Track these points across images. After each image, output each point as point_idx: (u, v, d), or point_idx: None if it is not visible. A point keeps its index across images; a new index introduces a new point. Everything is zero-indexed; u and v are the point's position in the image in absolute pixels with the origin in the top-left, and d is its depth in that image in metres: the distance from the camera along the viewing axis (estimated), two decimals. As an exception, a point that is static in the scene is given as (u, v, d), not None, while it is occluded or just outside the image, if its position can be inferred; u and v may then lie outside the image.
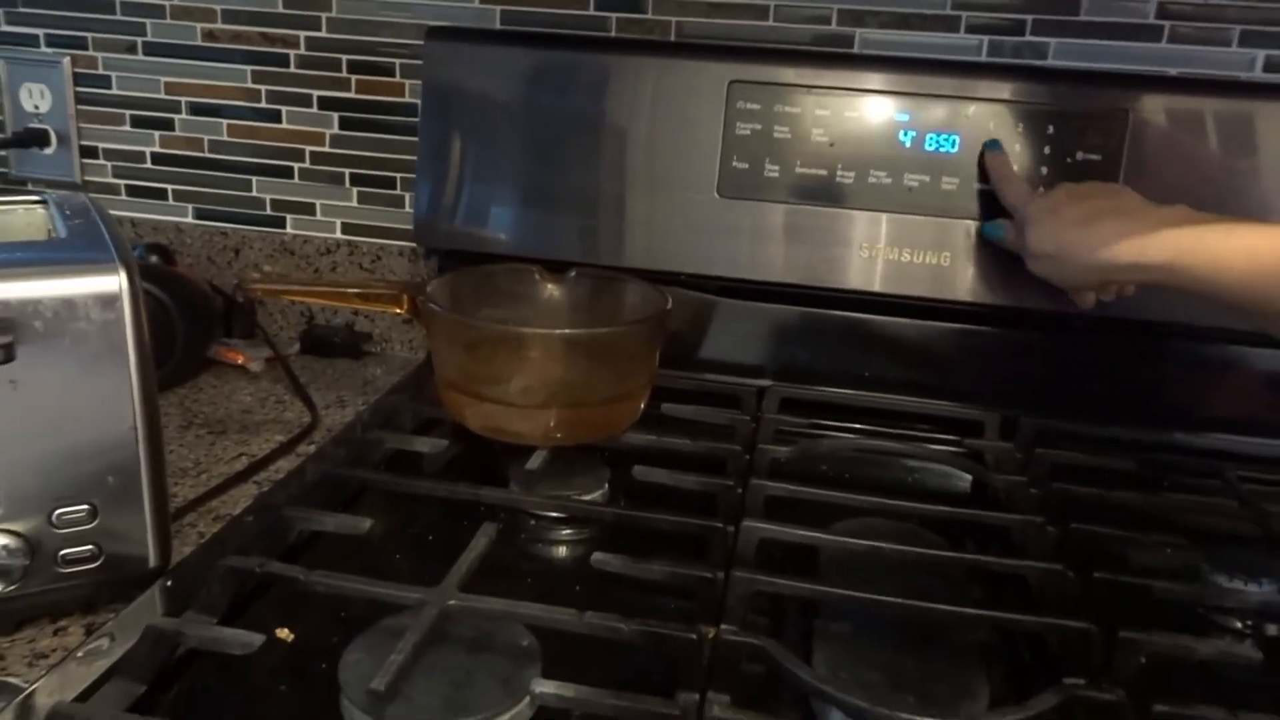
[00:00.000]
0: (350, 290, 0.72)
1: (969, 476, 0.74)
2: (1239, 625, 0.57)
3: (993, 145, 0.76)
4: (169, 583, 0.53)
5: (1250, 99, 0.76)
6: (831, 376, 0.83)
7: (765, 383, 0.82)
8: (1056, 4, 0.82)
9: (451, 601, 0.49)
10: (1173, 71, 0.81)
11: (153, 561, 0.53)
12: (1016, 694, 0.51)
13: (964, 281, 0.79)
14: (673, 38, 0.87)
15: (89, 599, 0.53)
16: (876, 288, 0.80)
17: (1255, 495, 0.69)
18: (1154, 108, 0.76)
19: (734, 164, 0.80)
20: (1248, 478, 0.71)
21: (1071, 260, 0.66)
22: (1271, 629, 0.57)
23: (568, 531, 0.64)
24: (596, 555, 0.54)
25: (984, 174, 0.77)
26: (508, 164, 0.84)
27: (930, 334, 0.82)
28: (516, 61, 0.84)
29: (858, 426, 0.79)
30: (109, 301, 0.50)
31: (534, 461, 0.64)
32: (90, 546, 0.51)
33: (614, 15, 0.88)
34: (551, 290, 0.73)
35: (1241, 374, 0.80)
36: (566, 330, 0.64)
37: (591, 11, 0.88)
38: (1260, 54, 0.81)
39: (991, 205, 0.77)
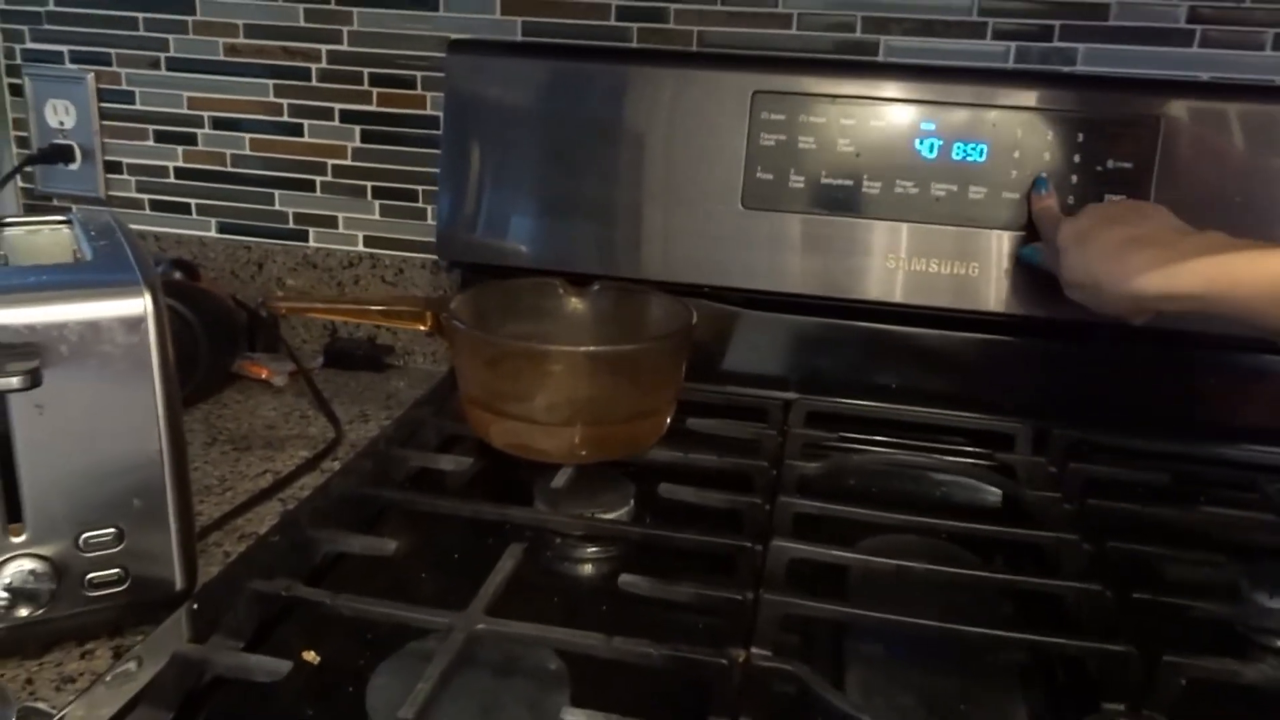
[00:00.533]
0: (374, 307, 0.72)
1: (999, 491, 0.73)
2: (1278, 644, 0.56)
3: (1039, 185, 0.75)
4: (195, 606, 0.53)
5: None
6: (858, 388, 0.82)
7: (791, 395, 0.81)
8: (1085, 9, 0.81)
9: (479, 626, 0.49)
10: (1204, 76, 0.80)
11: (179, 584, 0.53)
12: (1054, 718, 0.50)
13: (992, 292, 0.77)
14: (695, 47, 0.87)
15: (116, 622, 0.53)
16: (902, 299, 0.79)
17: (1294, 509, 0.67)
18: (1186, 114, 0.74)
19: (758, 175, 0.79)
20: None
21: (1105, 290, 0.64)
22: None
23: (594, 550, 0.63)
24: (624, 578, 0.53)
25: (1012, 185, 0.76)
26: (530, 176, 0.84)
27: (958, 345, 0.81)
28: (538, 73, 0.83)
29: (885, 440, 0.78)
30: (134, 324, 0.49)
31: (559, 479, 0.64)
32: (117, 570, 0.51)
33: (635, 25, 0.88)
34: (575, 304, 0.73)
35: (1276, 384, 0.78)
36: (591, 347, 0.64)
37: (613, 22, 0.88)
38: (1294, 57, 0.79)
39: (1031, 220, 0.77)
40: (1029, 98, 0.76)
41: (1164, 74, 0.80)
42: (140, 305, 0.50)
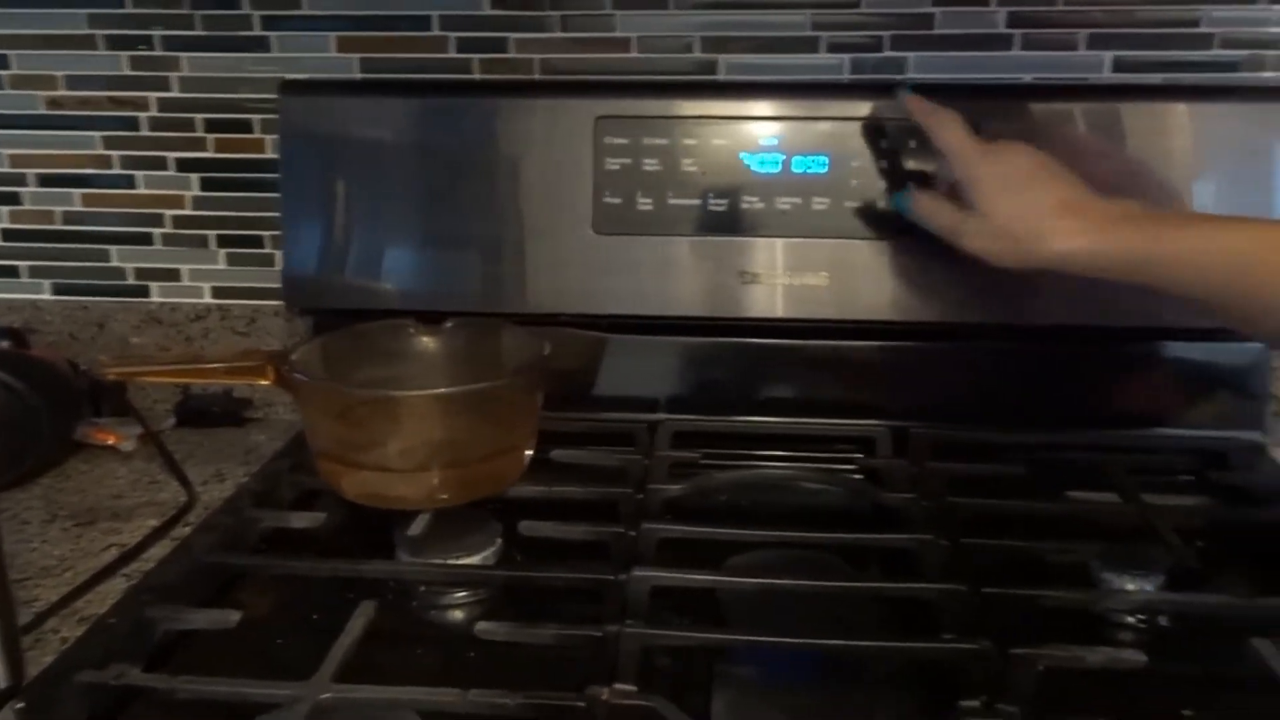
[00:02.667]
0: (211, 365, 0.68)
1: (863, 496, 0.73)
2: (1131, 620, 0.58)
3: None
4: (22, 705, 0.49)
5: (1103, 100, 0.78)
6: (725, 405, 0.82)
7: (657, 417, 0.81)
8: (911, 20, 0.83)
9: (325, 695, 0.47)
10: (1027, 78, 0.83)
11: (3, 683, 0.49)
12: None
13: (844, 300, 0.79)
14: (537, 76, 0.86)
15: (-66, 730, 0.49)
16: (756, 313, 0.79)
17: (1138, 487, 0.70)
18: (1011, 115, 0.77)
19: (606, 199, 0.79)
20: (1132, 468, 0.73)
21: (1027, 246, 0.63)
22: (1162, 620, 0.58)
23: (461, 595, 0.62)
24: (480, 625, 0.52)
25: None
26: (376, 217, 0.82)
27: (815, 354, 0.82)
28: (379, 111, 0.82)
29: (751, 454, 0.78)
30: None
31: (416, 527, 0.62)
32: (-71, 676, 0.47)
33: (476, 57, 0.87)
34: (428, 343, 0.71)
35: (1122, 369, 0.81)
36: (439, 390, 0.62)
37: (453, 54, 0.87)
38: (1108, 55, 0.83)
39: (894, 179, 0.77)
40: (864, 108, 0.78)
41: (989, 78, 0.83)
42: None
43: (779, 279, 0.79)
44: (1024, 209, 0.64)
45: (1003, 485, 0.71)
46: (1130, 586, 0.58)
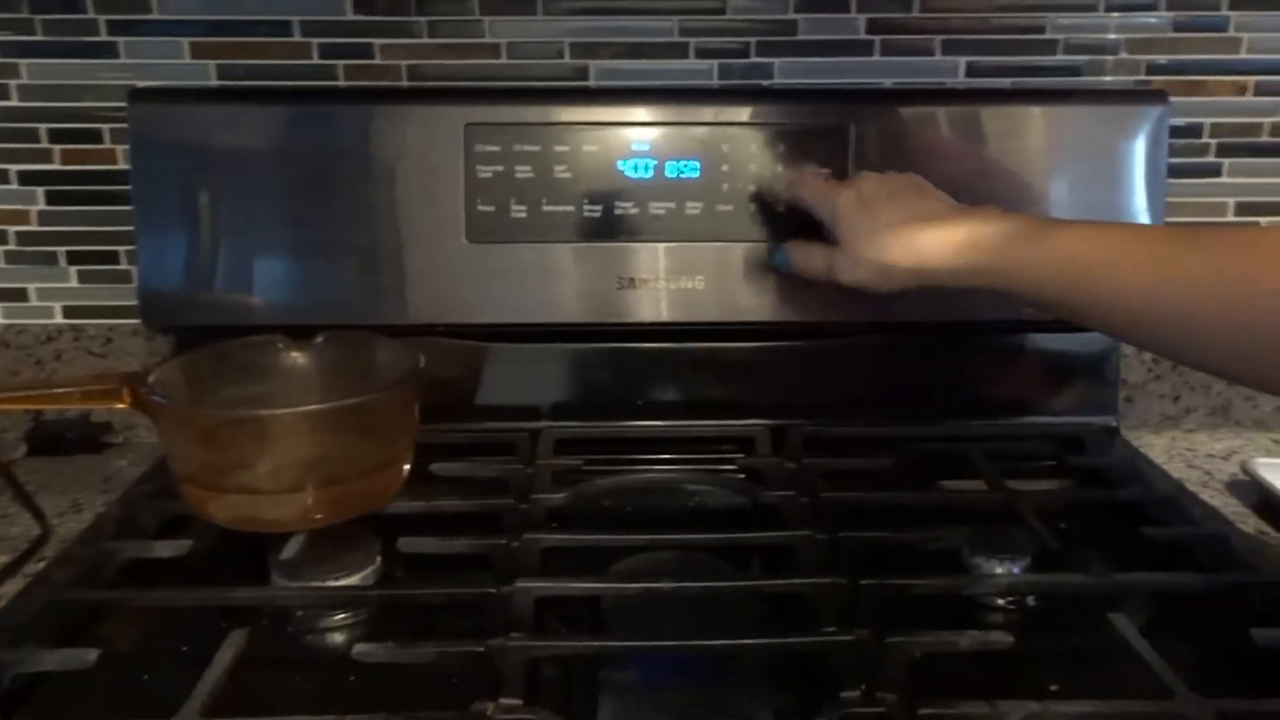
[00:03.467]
0: (62, 390, 0.65)
1: (744, 494, 0.74)
2: (1000, 603, 0.60)
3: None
4: None
5: (959, 104, 0.81)
6: (606, 410, 0.82)
7: (539, 425, 0.81)
8: (776, 25, 0.85)
9: (192, 733, 0.45)
10: (887, 83, 0.86)
11: None
12: (801, 714, 0.51)
13: (721, 302, 0.80)
14: (405, 82, 0.85)
15: None
16: (638, 317, 0.80)
17: (1002, 474, 0.73)
18: (872, 119, 0.79)
19: (479, 208, 0.78)
20: (996, 456, 0.76)
21: (889, 266, 0.65)
22: (1029, 601, 0.60)
23: (340, 617, 0.60)
24: (358, 648, 0.50)
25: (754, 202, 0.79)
26: (240, 229, 0.79)
27: (696, 356, 0.83)
28: (238, 119, 0.79)
29: (636, 458, 0.78)
30: None
31: (290, 550, 0.60)
32: None
33: (341, 63, 0.84)
34: (297, 359, 0.69)
35: (984, 362, 0.85)
36: (307, 407, 0.60)
37: (316, 60, 0.84)
38: (961, 60, 0.87)
39: (775, 229, 0.78)
40: (733, 113, 0.79)
41: (850, 83, 0.85)
42: None
43: (656, 284, 0.79)
44: (874, 229, 0.66)
45: (876, 478, 0.73)
46: (998, 570, 0.61)
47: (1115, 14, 0.86)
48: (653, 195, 0.78)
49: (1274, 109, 0.90)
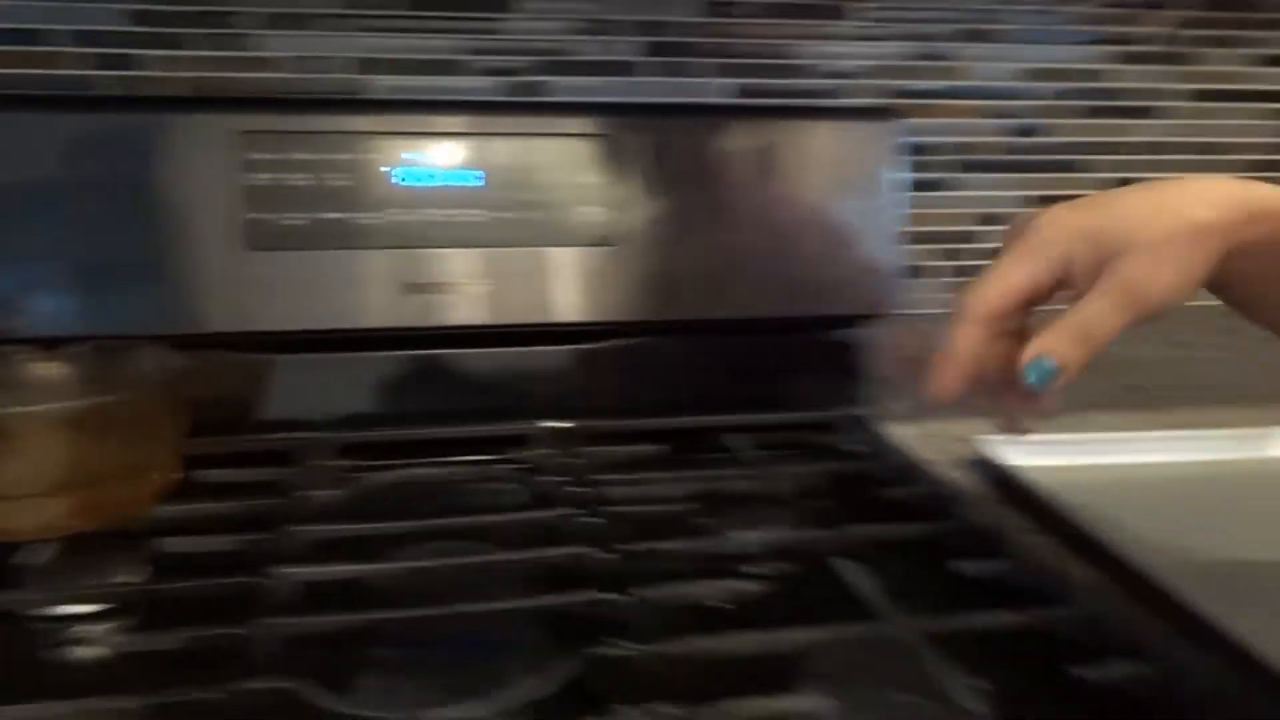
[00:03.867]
0: None
1: (520, 486, 0.77)
2: (751, 568, 0.65)
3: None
4: None
5: (723, 117, 0.86)
6: (386, 418, 0.84)
7: (320, 435, 0.80)
8: (553, 46, 0.90)
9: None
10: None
11: None
12: (562, 663, 0.53)
13: (502, 307, 0.83)
14: (182, 92, 0.84)
15: None
16: (420, 323, 0.82)
17: (764, 460, 0.79)
18: (644, 130, 0.84)
19: (255, 216, 0.78)
20: (758, 444, 0.82)
21: (1204, 225, 0.47)
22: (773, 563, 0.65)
23: (99, 610, 0.58)
24: (118, 638, 0.50)
25: None
26: (8, 240, 0.76)
27: (478, 361, 0.85)
28: (6, 127, 0.76)
29: (414, 461, 0.79)
30: None
31: (41, 556, 0.58)
32: None
33: (115, 74, 0.84)
34: (46, 371, 0.67)
35: (750, 358, 0.91)
36: (37, 407, 0.58)
37: (90, 71, 0.83)
38: (733, 82, 0.94)
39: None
40: (512, 124, 0.83)
41: (625, 100, 0.91)
42: None
43: (438, 290, 0.81)
44: (1127, 214, 0.48)
45: (648, 465, 0.77)
46: (743, 537, 0.66)
47: (854, 44, 0.96)
48: (433, 203, 0.81)
49: (1001, 129, 1.01)
